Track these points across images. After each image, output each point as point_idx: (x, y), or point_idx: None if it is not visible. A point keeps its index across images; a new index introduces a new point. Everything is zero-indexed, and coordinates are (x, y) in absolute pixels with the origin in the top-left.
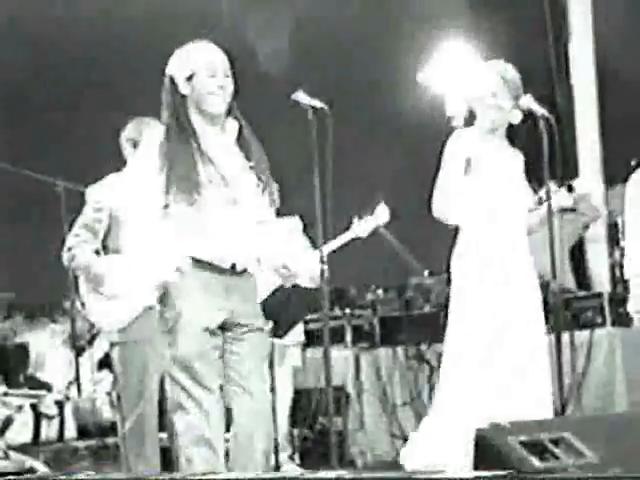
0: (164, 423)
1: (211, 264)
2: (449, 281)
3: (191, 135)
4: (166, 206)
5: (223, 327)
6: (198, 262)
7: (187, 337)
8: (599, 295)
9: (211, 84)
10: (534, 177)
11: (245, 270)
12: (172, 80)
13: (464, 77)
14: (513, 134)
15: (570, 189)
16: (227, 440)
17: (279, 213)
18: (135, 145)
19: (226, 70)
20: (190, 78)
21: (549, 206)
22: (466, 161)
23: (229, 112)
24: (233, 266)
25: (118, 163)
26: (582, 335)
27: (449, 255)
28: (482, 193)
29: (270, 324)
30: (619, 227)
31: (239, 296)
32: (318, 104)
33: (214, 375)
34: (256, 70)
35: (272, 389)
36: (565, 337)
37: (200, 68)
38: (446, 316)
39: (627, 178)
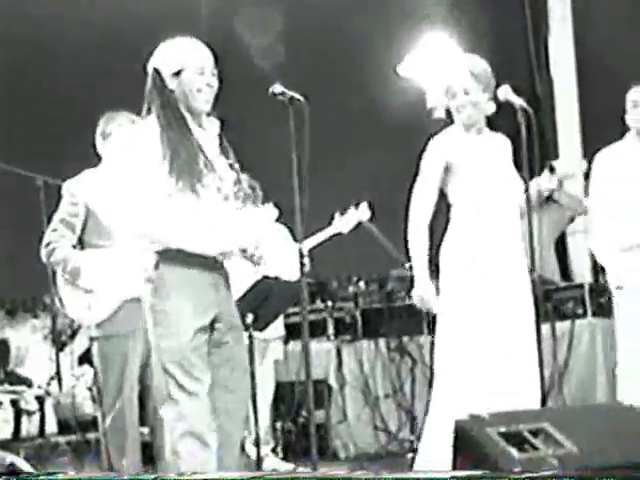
0: (145, 418)
1: (200, 258)
2: (435, 273)
3: (186, 126)
4: (169, 195)
5: (211, 323)
6: (188, 256)
7: (181, 330)
8: (580, 286)
9: (200, 81)
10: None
11: (224, 266)
12: (158, 73)
13: (443, 71)
14: (493, 124)
15: (552, 170)
16: None
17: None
18: (107, 139)
19: (213, 68)
20: (178, 73)
21: (527, 199)
22: (446, 167)
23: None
24: (221, 261)
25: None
26: (563, 326)
27: (436, 248)
28: (467, 191)
29: (250, 317)
30: None
31: (224, 292)
32: (295, 96)
33: (205, 368)
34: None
35: (253, 383)
36: (546, 328)
37: (189, 64)
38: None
39: None
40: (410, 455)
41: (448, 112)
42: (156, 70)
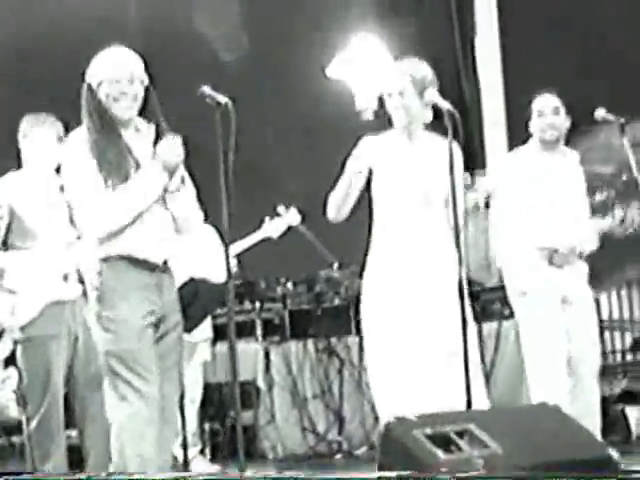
0: (70, 420)
1: (145, 262)
2: (360, 274)
3: (114, 131)
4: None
5: (156, 323)
6: (131, 260)
7: (128, 334)
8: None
9: (115, 90)
10: None
11: (168, 267)
12: (89, 86)
13: (372, 72)
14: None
15: (473, 181)
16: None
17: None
18: (30, 141)
19: (132, 76)
20: (100, 85)
21: (453, 198)
22: (368, 169)
23: (147, 116)
24: (165, 262)
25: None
26: (490, 327)
27: (362, 249)
28: (385, 195)
29: None
30: None
31: (168, 294)
32: (222, 99)
33: (154, 370)
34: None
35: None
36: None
37: (105, 76)
38: (356, 309)
39: None
40: (338, 456)
41: (376, 114)
42: (88, 84)
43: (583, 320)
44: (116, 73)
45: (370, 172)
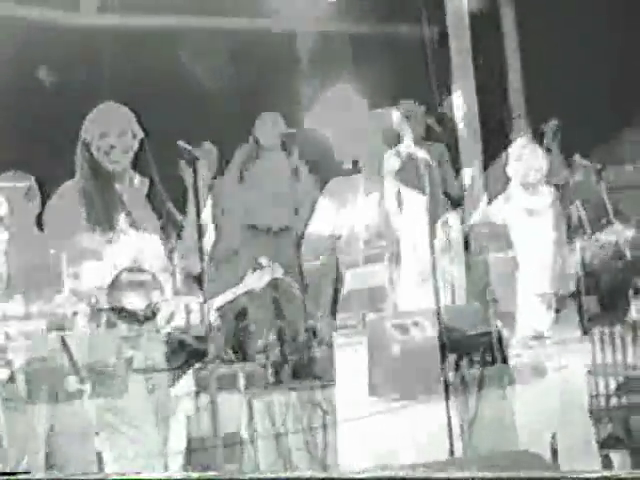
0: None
1: (131, 313)
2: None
3: (107, 182)
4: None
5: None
6: (117, 312)
7: (120, 386)
8: (488, 333)
9: (104, 144)
10: None
11: (155, 320)
12: (84, 141)
13: (347, 122)
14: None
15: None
16: None
17: None
18: None
19: (122, 129)
20: (92, 139)
21: (432, 245)
22: (335, 214)
23: (142, 168)
24: (153, 313)
25: None
26: (473, 374)
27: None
28: (353, 244)
29: None
30: None
31: (155, 344)
32: (195, 153)
33: (152, 417)
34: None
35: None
36: (455, 376)
37: (94, 132)
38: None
39: None
40: None
41: (355, 163)
42: (83, 140)
43: (572, 363)
44: (101, 129)
45: (337, 217)
